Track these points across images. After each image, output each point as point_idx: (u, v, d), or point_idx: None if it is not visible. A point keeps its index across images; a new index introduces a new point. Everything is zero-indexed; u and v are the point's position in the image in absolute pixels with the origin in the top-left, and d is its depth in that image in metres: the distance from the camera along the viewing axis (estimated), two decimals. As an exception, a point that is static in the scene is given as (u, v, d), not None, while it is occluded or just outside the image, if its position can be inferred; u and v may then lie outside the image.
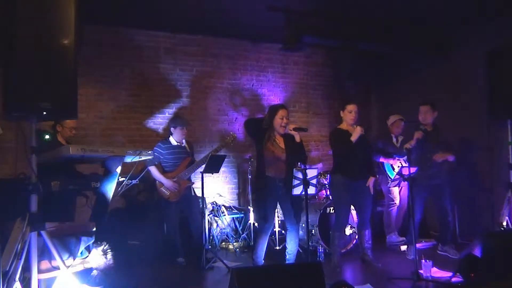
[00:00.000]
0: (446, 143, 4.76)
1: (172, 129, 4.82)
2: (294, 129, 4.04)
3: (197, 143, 5.77)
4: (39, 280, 2.67)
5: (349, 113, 4.35)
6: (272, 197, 4.06)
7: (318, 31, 5.49)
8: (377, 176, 4.94)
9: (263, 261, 4.14)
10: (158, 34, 5.84)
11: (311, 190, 3.96)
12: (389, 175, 5.29)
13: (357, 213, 4.59)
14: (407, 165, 4.07)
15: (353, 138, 4.17)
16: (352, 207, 4.59)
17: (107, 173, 3.63)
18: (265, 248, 4.16)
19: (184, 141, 4.90)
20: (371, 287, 3.76)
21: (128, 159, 3.65)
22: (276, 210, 4.45)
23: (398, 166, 5.21)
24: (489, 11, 5.00)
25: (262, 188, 4.05)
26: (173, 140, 4.82)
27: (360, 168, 4.31)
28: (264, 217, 4.08)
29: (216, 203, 5.77)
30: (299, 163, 4.14)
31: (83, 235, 3.35)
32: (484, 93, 4.81)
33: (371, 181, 4.39)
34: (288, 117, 4.11)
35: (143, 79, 5.76)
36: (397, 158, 5.28)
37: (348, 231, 4.96)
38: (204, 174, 4.50)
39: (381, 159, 5.33)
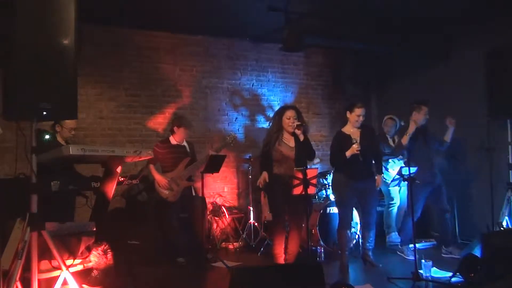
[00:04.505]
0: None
1: (175, 128, 4.79)
2: (297, 126, 4.08)
3: (197, 143, 5.75)
4: (39, 280, 2.66)
5: (357, 117, 4.31)
6: (282, 193, 4.09)
7: (318, 31, 5.50)
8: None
9: (284, 257, 4.17)
10: (158, 34, 5.83)
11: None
12: (385, 176, 5.20)
13: (362, 214, 4.58)
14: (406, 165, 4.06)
15: (348, 154, 4.18)
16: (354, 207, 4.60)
17: (107, 173, 3.63)
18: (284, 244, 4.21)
19: (184, 141, 4.89)
20: (371, 287, 3.76)
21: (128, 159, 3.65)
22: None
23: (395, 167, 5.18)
24: (488, 11, 4.99)
25: (271, 185, 4.13)
26: (172, 140, 4.80)
27: (362, 168, 4.29)
28: (278, 213, 4.19)
29: (216, 203, 5.77)
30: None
31: (83, 235, 3.35)
32: (484, 93, 4.81)
33: (378, 179, 4.41)
34: (298, 117, 4.14)
35: (143, 79, 5.75)
36: (390, 159, 5.24)
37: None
38: (204, 174, 4.50)
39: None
